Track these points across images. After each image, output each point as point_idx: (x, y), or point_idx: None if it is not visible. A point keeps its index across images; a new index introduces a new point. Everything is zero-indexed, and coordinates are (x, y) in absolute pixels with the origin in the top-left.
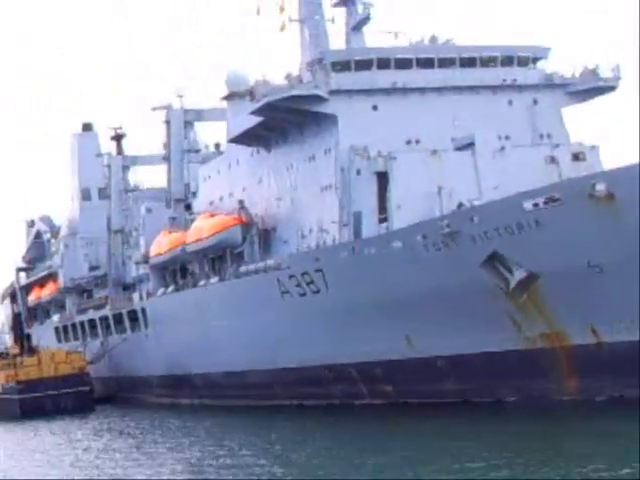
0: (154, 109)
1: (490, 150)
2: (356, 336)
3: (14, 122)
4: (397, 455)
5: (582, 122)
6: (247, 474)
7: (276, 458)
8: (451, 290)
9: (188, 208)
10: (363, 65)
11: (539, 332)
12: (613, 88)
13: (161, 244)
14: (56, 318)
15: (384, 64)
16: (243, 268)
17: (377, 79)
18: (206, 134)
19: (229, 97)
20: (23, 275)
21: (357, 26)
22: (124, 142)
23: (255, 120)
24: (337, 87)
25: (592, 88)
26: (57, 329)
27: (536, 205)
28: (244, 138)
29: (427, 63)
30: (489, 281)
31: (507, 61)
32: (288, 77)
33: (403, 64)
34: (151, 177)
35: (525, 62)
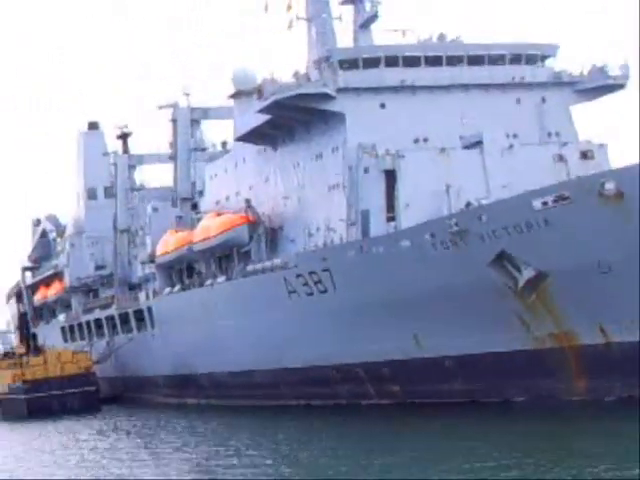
0: (160, 107)
1: (498, 148)
2: (363, 336)
3: (19, 121)
4: (405, 455)
5: (590, 120)
6: (254, 474)
7: (283, 458)
8: (459, 289)
9: (194, 207)
10: (371, 63)
11: (548, 332)
12: (622, 86)
13: (167, 243)
14: (62, 318)
15: (392, 62)
16: (250, 267)
17: (385, 77)
18: (213, 132)
19: (236, 95)
20: (29, 274)
21: (365, 24)
22: (130, 141)
23: (262, 118)
24: (345, 85)
25: (601, 86)
26: (63, 329)
27: (545, 204)
28: (251, 136)
29: (435, 61)
30: (497, 280)
31: (515, 59)
32: (296, 75)
33: (411, 62)
34: (157, 176)
35: (533, 60)
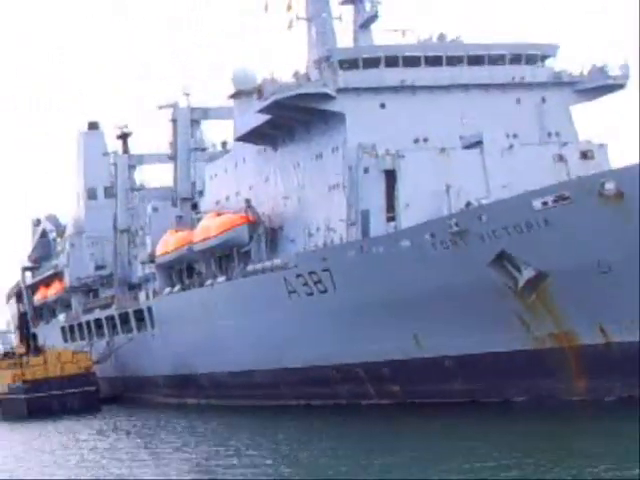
0: (160, 107)
1: (498, 148)
2: (363, 336)
3: (19, 121)
4: (405, 455)
5: (590, 120)
6: (253, 474)
7: (283, 458)
8: (459, 289)
9: (194, 207)
10: (371, 63)
11: (548, 332)
12: (622, 86)
13: (167, 243)
14: (62, 318)
15: (392, 62)
16: (250, 267)
17: (385, 77)
18: (213, 132)
19: (236, 95)
20: (29, 274)
21: (365, 24)
22: (130, 141)
23: (262, 118)
24: (345, 85)
25: (601, 86)
26: (63, 329)
27: (545, 204)
28: (251, 136)
29: (435, 61)
30: (497, 280)
31: (515, 59)
32: (296, 75)
33: (411, 62)
34: (157, 176)
35: (533, 60)
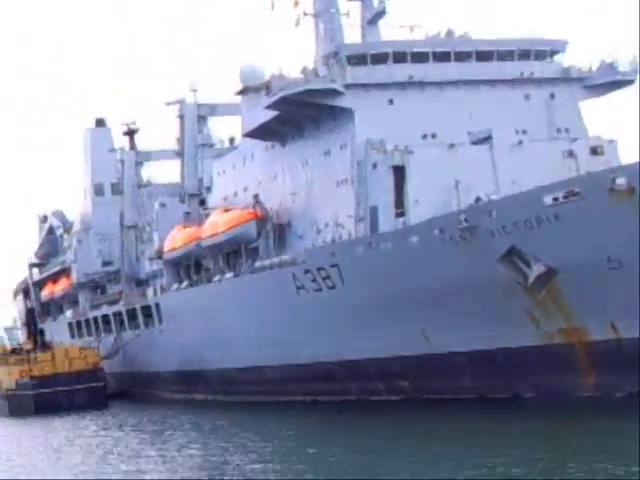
0: (168, 104)
1: (507, 144)
2: (372, 332)
3: (25, 119)
4: (414, 452)
5: (600, 116)
6: (261, 471)
7: (291, 455)
8: (468, 285)
9: (202, 203)
10: (379, 59)
11: (557, 327)
12: (631, 82)
13: (175, 239)
14: (69, 314)
15: (400, 58)
16: (258, 263)
17: (393, 73)
18: (220, 129)
19: (243, 91)
20: (36, 270)
21: (373, 20)
22: (137, 137)
23: (270, 114)
24: (353, 81)
25: (610, 82)
26: (71, 325)
27: (556, 199)
28: (259, 132)
29: (443, 57)
30: (507, 276)
31: (524, 55)
32: (304, 71)
33: (419, 58)
34: (165, 172)
35: (542, 56)
